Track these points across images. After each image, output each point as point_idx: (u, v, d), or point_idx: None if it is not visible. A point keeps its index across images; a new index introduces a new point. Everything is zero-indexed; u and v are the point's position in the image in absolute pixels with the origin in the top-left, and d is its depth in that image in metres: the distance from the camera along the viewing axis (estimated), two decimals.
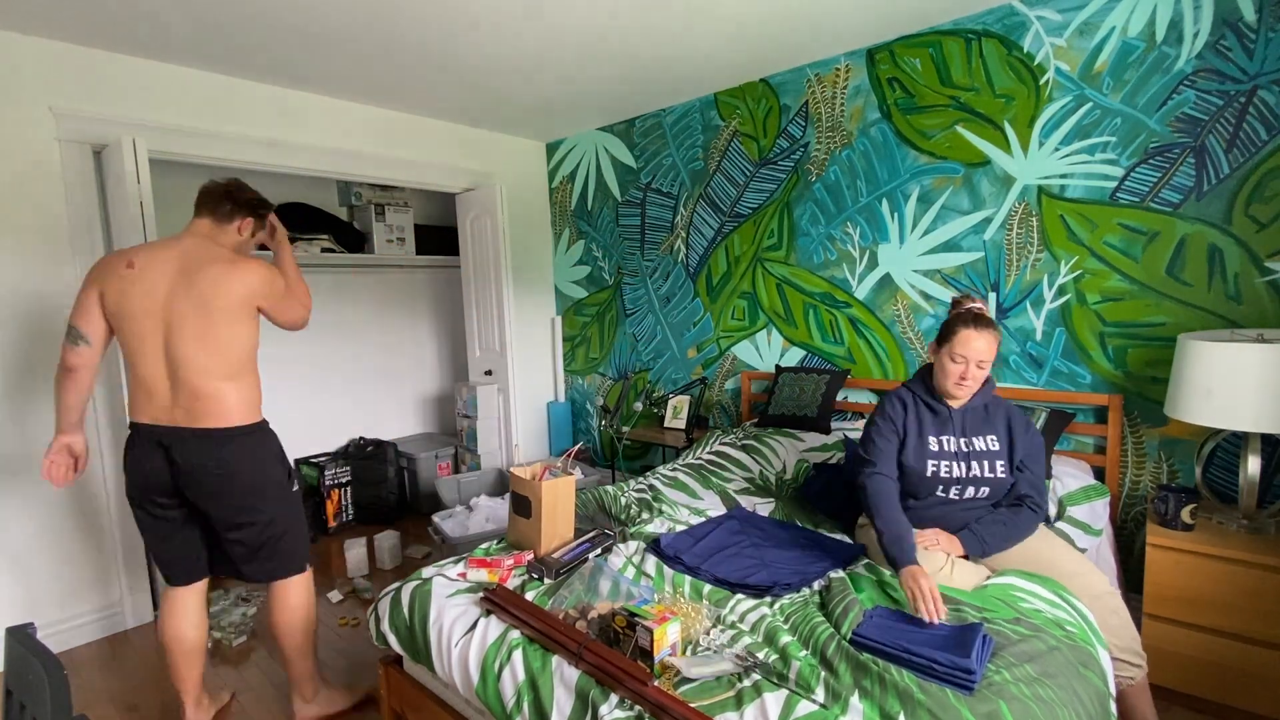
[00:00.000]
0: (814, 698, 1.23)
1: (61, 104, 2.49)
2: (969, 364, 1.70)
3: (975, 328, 1.69)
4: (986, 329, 1.70)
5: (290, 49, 2.64)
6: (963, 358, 1.70)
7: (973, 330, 1.69)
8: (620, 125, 3.90)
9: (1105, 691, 1.37)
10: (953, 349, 1.72)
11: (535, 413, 4.37)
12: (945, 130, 2.69)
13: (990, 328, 1.71)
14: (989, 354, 1.69)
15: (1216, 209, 2.17)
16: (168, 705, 2.20)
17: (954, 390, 1.75)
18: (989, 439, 1.78)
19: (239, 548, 1.91)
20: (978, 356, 1.69)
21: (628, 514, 2.24)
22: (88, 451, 1.94)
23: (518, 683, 1.40)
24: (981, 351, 1.69)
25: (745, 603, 1.61)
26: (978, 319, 1.71)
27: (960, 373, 1.72)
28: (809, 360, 3.23)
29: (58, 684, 0.94)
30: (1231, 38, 2.10)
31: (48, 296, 2.50)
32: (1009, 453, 1.78)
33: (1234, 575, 1.87)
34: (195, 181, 3.57)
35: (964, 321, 1.72)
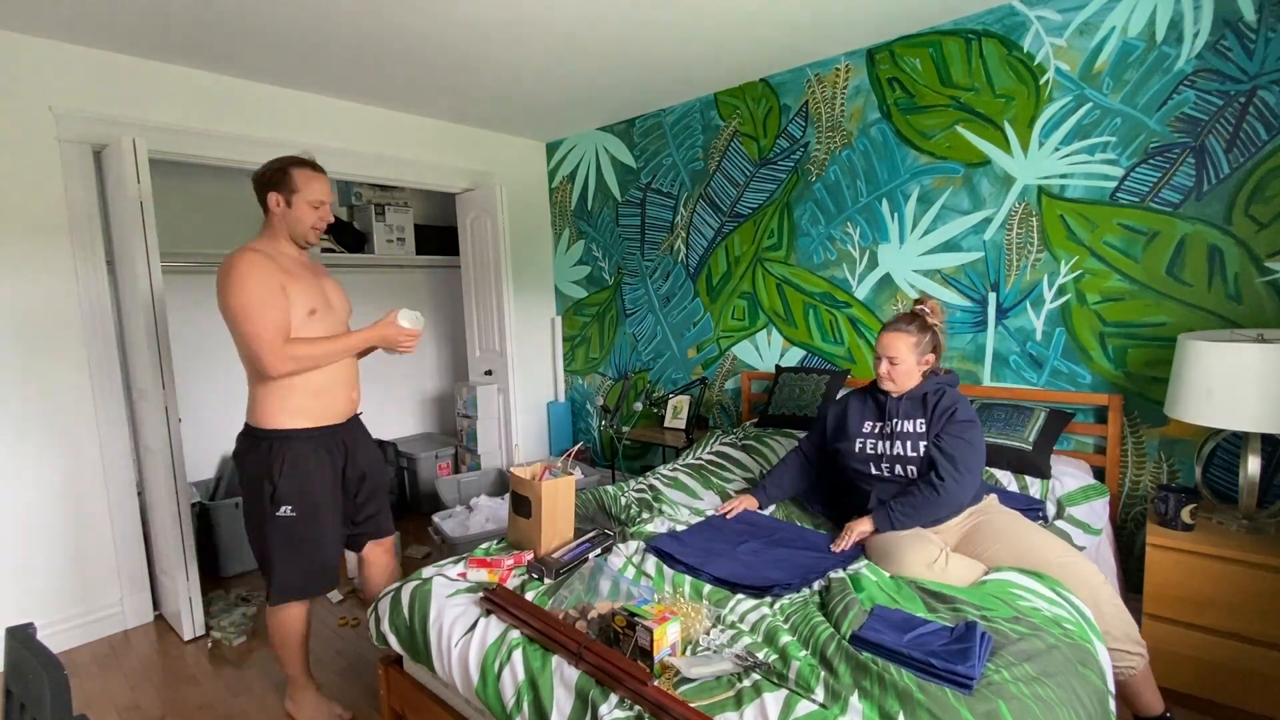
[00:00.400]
0: (814, 698, 1.23)
1: (61, 104, 2.49)
2: (883, 360, 1.94)
3: (887, 328, 1.95)
4: (897, 328, 1.92)
5: (290, 49, 2.64)
6: (877, 355, 1.97)
7: (884, 332, 1.95)
8: (620, 125, 3.90)
9: (1104, 690, 1.37)
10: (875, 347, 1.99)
11: (535, 413, 4.37)
12: (945, 130, 2.69)
13: (901, 325, 1.93)
14: (894, 349, 1.91)
15: (1216, 209, 2.17)
16: (168, 705, 2.20)
17: (882, 384, 1.98)
18: (916, 422, 1.93)
19: None
20: (885, 352, 1.93)
21: (628, 514, 2.24)
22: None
23: (518, 683, 1.40)
24: (886, 347, 1.92)
25: (745, 603, 1.61)
26: (895, 319, 1.96)
27: (878, 368, 1.97)
28: (809, 360, 3.23)
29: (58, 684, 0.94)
30: (1231, 38, 2.10)
31: (47, 296, 2.50)
32: (930, 434, 1.91)
33: (1234, 575, 1.87)
34: (195, 181, 3.60)
35: (885, 324, 1.99)
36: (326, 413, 1.93)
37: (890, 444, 1.94)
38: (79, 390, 2.58)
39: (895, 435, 1.93)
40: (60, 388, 2.54)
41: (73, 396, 2.56)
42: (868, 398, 2.07)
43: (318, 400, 1.90)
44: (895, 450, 1.93)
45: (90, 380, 2.59)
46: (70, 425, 2.57)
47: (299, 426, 1.88)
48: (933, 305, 1.97)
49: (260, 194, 1.89)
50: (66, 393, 2.55)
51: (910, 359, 1.91)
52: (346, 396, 2.00)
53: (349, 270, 4.22)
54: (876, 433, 1.98)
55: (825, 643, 1.39)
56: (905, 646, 1.31)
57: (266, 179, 1.87)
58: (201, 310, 3.65)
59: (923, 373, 1.95)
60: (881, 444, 1.96)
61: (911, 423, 1.92)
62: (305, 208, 1.88)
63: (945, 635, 1.36)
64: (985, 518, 1.88)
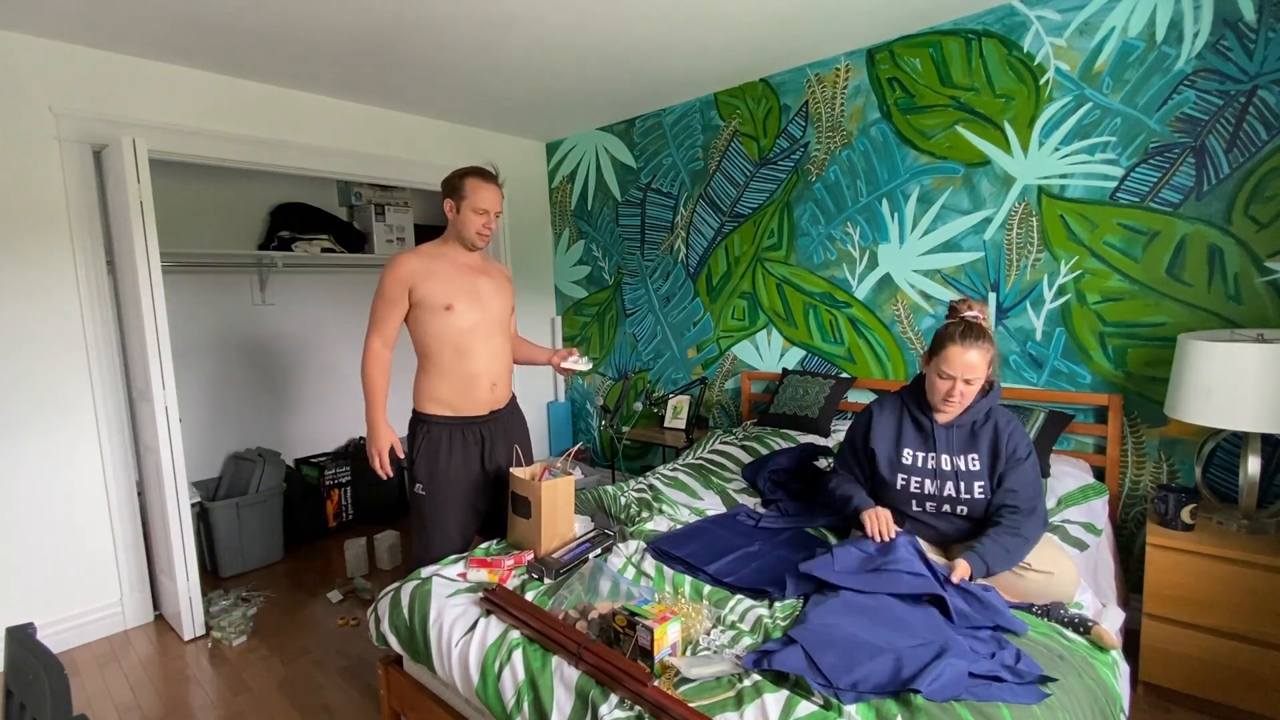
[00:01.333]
0: (813, 698, 1.23)
1: (61, 104, 2.49)
2: (956, 381, 1.64)
3: (963, 343, 1.62)
4: (976, 343, 1.62)
5: (290, 49, 2.64)
6: (950, 375, 1.64)
7: (959, 346, 1.62)
8: (620, 125, 3.90)
9: (1109, 696, 1.37)
10: (939, 365, 1.66)
11: (535, 413, 4.37)
12: (945, 130, 2.69)
13: (980, 341, 1.63)
14: (978, 370, 1.62)
15: (1216, 209, 2.17)
16: (168, 705, 2.20)
17: (941, 406, 1.70)
18: (970, 458, 1.71)
19: None
20: (965, 374, 1.62)
21: (628, 514, 2.24)
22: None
23: (518, 683, 1.40)
24: (970, 369, 1.61)
25: (745, 602, 1.61)
26: (966, 332, 1.64)
27: (947, 389, 1.66)
28: (809, 360, 3.23)
29: (58, 684, 0.94)
30: (1231, 38, 2.10)
31: (47, 296, 2.50)
32: (990, 473, 1.70)
33: (1234, 575, 1.87)
34: (195, 181, 3.60)
35: (952, 337, 1.65)
36: (465, 404, 2.07)
37: (941, 484, 1.72)
38: (79, 390, 2.58)
39: (948, 475, 1.71)
40: (60, 387, 2.54)
41: (73, 396, 2.56)
42: (905, 416, 1.80)
43: (455, 392, 2.06)
44: (947, 491, 1.71)
45: (90, 380, 2.59)
46: (70, 425, 2.57)
47: (436, 413, 2.06)
48: (981, 309, 1.71)
49: (443, 199, 2.07)
50: (67, 392, 2.55)
51: (984, 375, 1.65)
52: (488, 390, 2.11)
53: (349, 270, 4.22)
54: (925, 469, 1.74)
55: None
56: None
57: (447, 186, 2.06)
58: (202, 310, 3.65)
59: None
60: (930, 483, 1.72)
61: (965, 459, 1.71)
62: (470, 214, 2.03)
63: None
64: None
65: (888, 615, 1.43)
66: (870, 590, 1.51)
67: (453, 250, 2.09)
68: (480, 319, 2.07)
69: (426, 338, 2.03)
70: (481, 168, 2.07)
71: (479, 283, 2.10)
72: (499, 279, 2.19)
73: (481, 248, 2.11)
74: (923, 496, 1.75)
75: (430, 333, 2.02)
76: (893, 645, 1.32)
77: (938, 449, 1.74)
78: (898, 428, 1.80)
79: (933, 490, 1.73)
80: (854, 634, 1.32)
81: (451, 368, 2.04)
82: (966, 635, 1.40)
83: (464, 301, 2.03)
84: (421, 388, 2.08)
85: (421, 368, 2.08)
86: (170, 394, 2.56)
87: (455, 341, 2.03)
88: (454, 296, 2.02)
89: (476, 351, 2.06)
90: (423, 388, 2.08)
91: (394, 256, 2.02)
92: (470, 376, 2.06)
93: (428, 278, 2.00)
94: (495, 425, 2.15)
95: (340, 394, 4.23)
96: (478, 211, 2.03)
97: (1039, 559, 1.64)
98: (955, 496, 1.71)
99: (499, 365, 2.14)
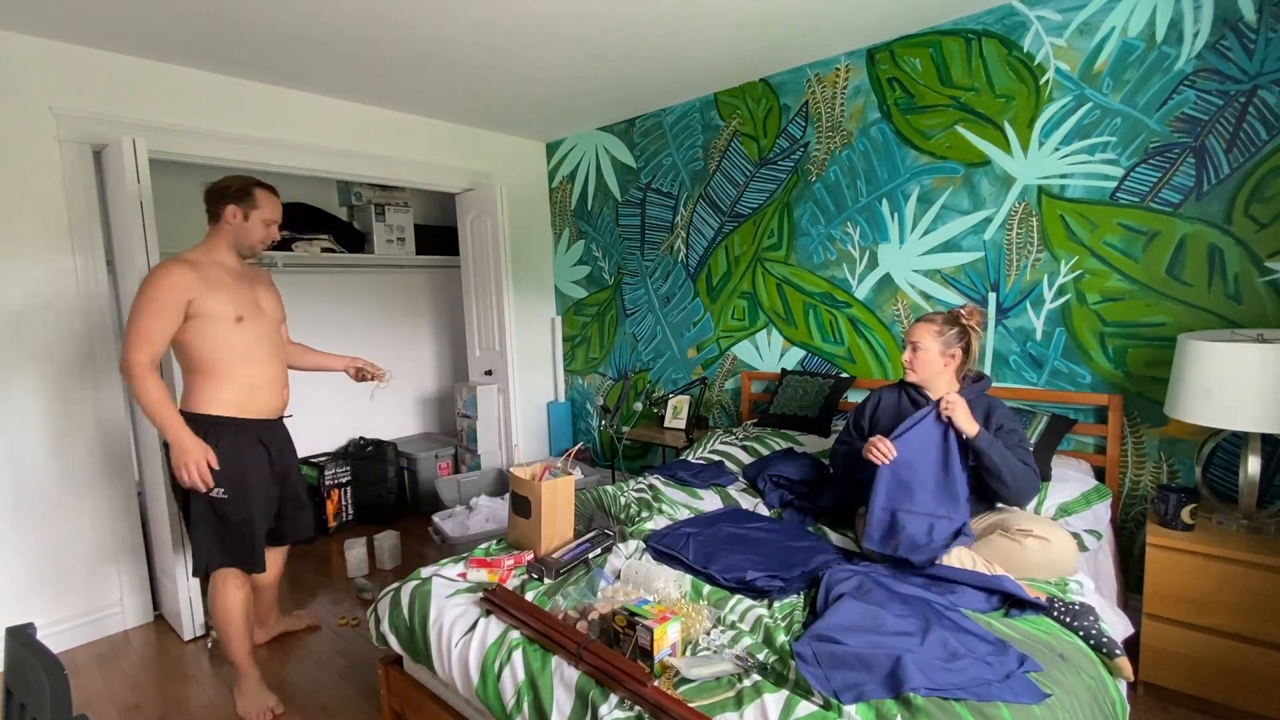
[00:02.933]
0: (813, 699, 1.23)
1: (61, 104, 2.49)
2: (906, 346, 1.99)
3: (919, 320, 2.00)
4: (921, 319, 1.99)
5: (290, 49, 2.64)
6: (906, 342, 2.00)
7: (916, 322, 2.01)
8: (620, 125, 3.90)
9: (1109, 696, 1.37)
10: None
11: (535, 413, 4.37)
12: (945, 130, 2.69)
13: (924, 317, 1.98)
14: (917, 335, 1.95)
15: (1216, 209, 2.17)
16: (168, 705, 2.20)
17: (906, 375, 2.01)
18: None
19: None
20: (909, 337, 1.98)
21: (627, 514, 2.24)
22: None
23: (518, 683, 1.40)
24: (911, 333, 1.98)
25: (745, 602, 1.61)
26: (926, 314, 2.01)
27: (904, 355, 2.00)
28: (809, 360, 3.23)
29: (58, 684, 0.94)
30: (1231, 38, 2.10)
31: (48, 296, 2.50)
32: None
33: (1234, 575, 1.87)
34: (195, 181, 3.59)
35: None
36: (255, 408, 2.09)
37: None
38: (79, 390, 2.58)
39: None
40: (60, 387, 2.54)
41: (73, 396, 2.56)
42: (902, 397, 2.05)
43: (246, 397, 2.06)
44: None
45: (90, 380, 2.59)
46: (70, 425, 2.57)
47: (226, 415, 2.03)
48: (970, 309, 1.98)
49: (215, 203, 2.04)
50: (66, 392, 2.55)
51: (933, 347, 1.91)
52: (278, 395, 2.16)
53: (349, 270, 4.22)
54: None
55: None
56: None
57: (227, 192, 2.03)
58: None
59: (953, 371, 1.94)
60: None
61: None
62: (259, 224, 2.07)
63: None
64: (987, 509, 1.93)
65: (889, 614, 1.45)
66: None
67: (223, 257, 2.07)
68: (265, 328, 2.11)
69: (211, 351, 1.98)
70: (265, 182, 2.09)
71: (256, 291, 2.13)
72: (269, 287, 2.22)
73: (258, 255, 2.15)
74: None
75: (216, 345, 1.98)
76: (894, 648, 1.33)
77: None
78: (898, 405, 2.05)
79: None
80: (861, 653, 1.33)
81: (242, 376, 2.04)
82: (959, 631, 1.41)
83: (250, 312, 2.05)
84: (202, 394, 2.01)
85: (201, 375, 2.01)
86: None
87: (244, 352, 2.03)
88: (241, 307, 2.02)
89: (266, 360, 2.10)
90: (204, 394, 2.01)
91: (162, 266, 1.93)
92: (262, 383, 2.09)
93: (210, 288, 1.96)
94: (279, 429, 2.22)
95: (340, 394, 4.23)
96: (267, 223, 2.07)
97: (1038, 525, 1.73)
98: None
99: (283, 370, 2.20)
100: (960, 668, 1.27)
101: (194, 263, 1.99)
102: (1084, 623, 1.49)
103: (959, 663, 1.28)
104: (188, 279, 1.93)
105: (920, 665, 1.26)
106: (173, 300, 1.90)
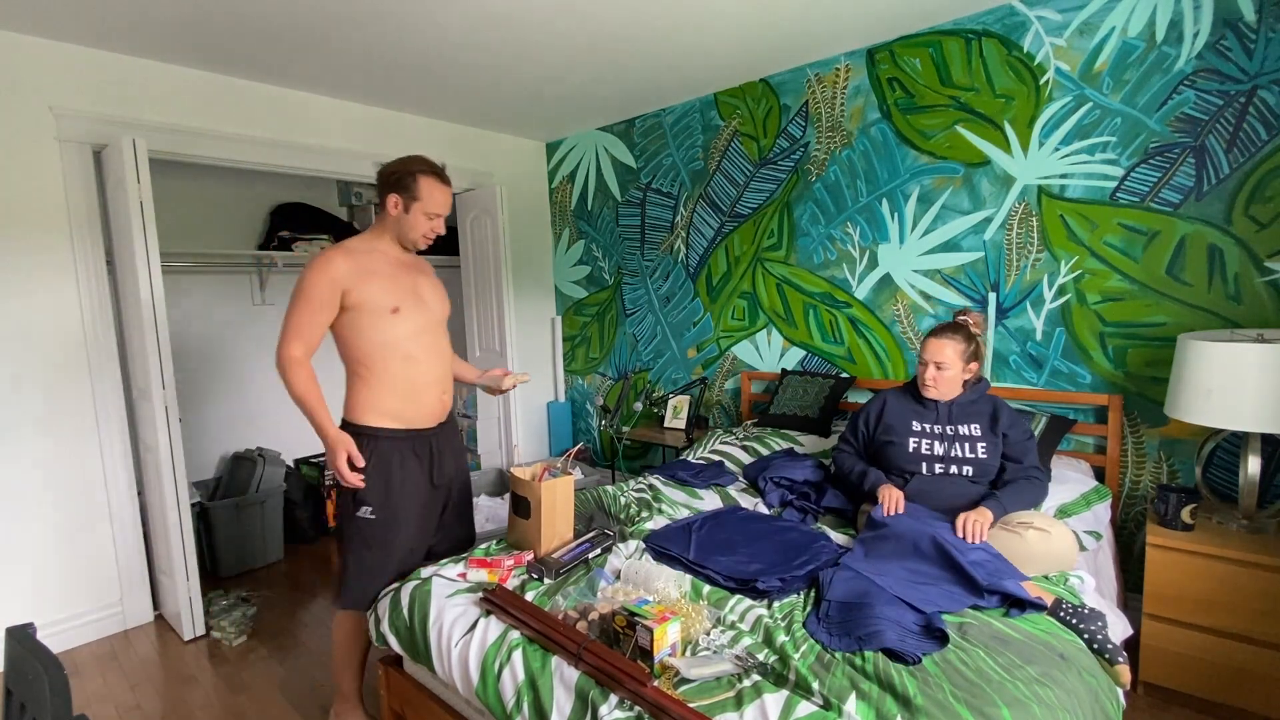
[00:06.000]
0: (813, 699, 1.23)
1: (61, 104, 2.49)
2: (929, 365, 1.98)
3: (936, 336, 1.99)
4: (944, 335, 1.98)
5: (290, 49, 2.64)
6: (925, 360, 2.00)
7: (933, 338, 2.00)
8: (620, 125, 3.90)
9: (1109, 695, 1.37)
10: (920, 353, 2.03)
11: (535, 413, 4.37)
12: (945, 130, 2.69)
13: (950, 334, 1.97)
14: (943, 356, 1.96)
15: (1216, 209, 2.17)
16: (168, 705, 2.20)
17: (924, 391, 2.02)
18: (972, 426, 1.99)
19: None
20: (934, 357, 1.97)
21: (627, 514, 2.24)
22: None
23: (517, 683, 1.40)
24: (935, 353, 1.97)
25: (745, 602, 1.61)
26: (941, 328, 2.01)
27: (923, 374, 2.00)
28: (809, 360, 3.23)
29: (58, 684, 0.94)
30: (1231, 38, 2.10)
31: (47, 296, 2.50)
32: (991, 436, 1.97)
33: (1234, 575, 1.87)
34: (195, 181, 3.60)
35: (931, 331, 2.03)
36: (415, 415, 1.90)
37: (950, 446, 1.99)
38: (79, 390, 2.58)
39: (957, 439, 1.98)
40: (60, 387, 2.54)
41: (73, 396, 2.56)
42: (910, 399, 2.10)
43: (405, 403, 1.87)
44: (955, 453, 1.98)
45: (90, 380, 2.59)
46: (70, 425, 2.57)
47: (384, 426, 1.86)
48: (975, 317, 2.06)
49: (380, 190, 1.86)
50: (66, 392, 2.55)
51: (957, 366, 1.97)
52: (438, 399, 1.95)
53: None
54: (934, 434, 2.01)
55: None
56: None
57: (391, 180, 1.84)
58: (202, 310, 3.66)
59: (964, 382, 2.01)
60: (940, 445, 1.99)
61: (968, 427, 1.99)
62: (421, 216, 1.85)
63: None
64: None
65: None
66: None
67: (386, 247, 1.90)
68: (426, 321, 1.91)
69: (367, 345, 1.82)
70: (433, 164, 1.86)
71: (418, 282, 1.94)
72: (434, 278, 2.02)
73: (421, 249, 1.95)
74: (932, 458, 1.99)
75: (372, 339, 1.82)
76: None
77: (941, 419, 2.02)
78: (905, 408, 2.09)
79: (941, 451, 1.99)
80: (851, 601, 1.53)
81: (400, 376, 1.85)
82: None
83: (409, 303, 1.86)
84: (361, 399, 1.86)
85: (359, 377, 1.86)
86: (170, 394, 2.56)
87: (402, 347, 1.84)
88: (399, 298, 1.84)
89: (425, 357, 1.89)
90: (362, 399, 1.85)
91: (319, 254, 1.80)
92: (421, 385, 1.89)
93: (366, 277, 1.80)
94: (442, 437, 1.98)
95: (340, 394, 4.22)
96: (430, 216, 1.86)
97: (1037, 519, 1.76)
98: (961, 456, 1.96)
99: (447, 372, 1.99)
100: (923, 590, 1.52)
101: (352, 251, 1.83)
102: (1091, 627, 1.49)
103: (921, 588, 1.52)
104: (342, 268, 1.78)
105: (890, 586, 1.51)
106: (325, 291, 1.76)
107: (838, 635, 1.43)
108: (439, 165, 1.88)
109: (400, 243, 1.91)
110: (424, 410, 1.91)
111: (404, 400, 1.87)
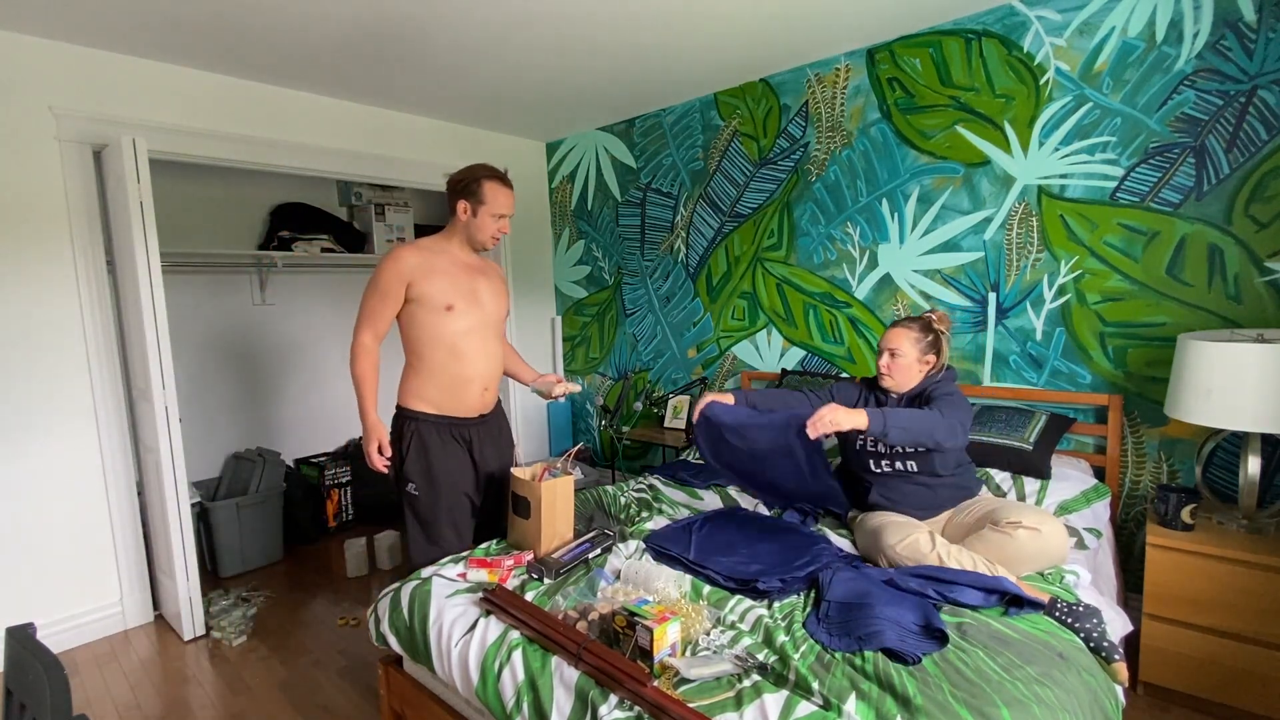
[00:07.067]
0: (813, 699, 1.23)
1: (61, 104, 2.49)
2: (884, 352, 2.03)
3: (893, 325, 2.06)
4: (901, 324, 2.03)
5: (290, 49, 2.64)
6: (879, 349, 2.06)
7: (889, 327, 2.06)
8: (620, 125, 3.90)
9: (1108, 695, 1.37)
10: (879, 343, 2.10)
11: (535, 413, 4.37)
12: (945, 130, 2.69)
13: (905, 323, 2.03)
14: (896, 343, 2.00)
15: (1216, 209, 2.17)
16: (168, 705, 2.20)
17: (880, 380, 2.06)
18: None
19: None
20: (889, 344, 2.02)
21: (627, 514, 2.24)
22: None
23: (517, 683, 1.40)
24: (889, 340, 2.02)
25: (745, 602, 1.61)
26: (900, 319, 2.07)
27: (879, 361, 2.06)
28: (809, 360, 3.23)
29: (58, 684, 0.94)
30: (1231, 38, 2.10)
31: (47, 296, 2.50)
32: None
33: (1234, 575, 1.87)
34: (195, 181, 3.60)
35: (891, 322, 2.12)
36: (454, 407, 2.04)
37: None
38: (79, 390, 2.58)
39: None
40: (60, 387, 2.54)
41: (73, 396, 2.56)
42: (863, 392, 2.14)
43: (445, 394, 2.02)
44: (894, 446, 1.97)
45: (90, 380, 2.60)
46: (70, 425, 2.57)
47: (423, 410, 2.02)
48: (940, 314, 2.06)
49: (450, 198, 2.03)
50: (67, 392, 2.55)
51: (911, 354, 1.98)
52: (478, 395, 2.07)
53: (349, 270, 4.22)
54: None
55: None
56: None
57: (456, 186, 2.00)
58: (202, 310, 3.65)
59: (923, 373, 2.01)
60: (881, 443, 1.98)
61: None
62: (488, 218, 2.01)
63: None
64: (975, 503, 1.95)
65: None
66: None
67: (456, 248, 2.06)
68: (477, 321, 2.04)
69: (421, 336, 1.99)
70: (495, 169, 2.02)
71: (478, 283, 2.06)
72: (496, 281, 2.15)
73: (490, 249, 2.10)
74: (878, 455, 2.01)
75: (425, 332, 1.98)
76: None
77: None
78: (857, 399, 2.14)
79: (884, 448, 1.99)
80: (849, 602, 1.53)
81: (444, 369, 2.00)
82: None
83: (464, 302, 2.00)
84: (409, 385, 2.03)
85: (411, 365, 2.04)
86: (170, 394, 2.56)
87: (451, 343, 1.99)
88: (455, 296, 1.98)
89: (471, 354, 2.02)
90: (410, 385, 2.03)
91: (394, 249, 1.97)
92: (463, 380, 2.02)
93: (429, 274, 1.96)
94: (483, 428, 2.11)
95: (340, 394, 4.23)
96: (496, 217, 2.01)
97: (1027, 516, 1.72)
98: (901, 452, 1.96)
99: (492, 370, 2.11)
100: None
101: (423, 248, 2.00)
102: (1086, 625, 1.49)
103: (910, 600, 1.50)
104: (410, 262, 1.95)
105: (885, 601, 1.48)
106: (393, 282, 1.94)
107: (837, 635, 1.43)
108: (502, 170, 2.04)
109: (470, 244, 2.06)
110: (464, 403, 2.05)
111: (445, 392, 2.02)
